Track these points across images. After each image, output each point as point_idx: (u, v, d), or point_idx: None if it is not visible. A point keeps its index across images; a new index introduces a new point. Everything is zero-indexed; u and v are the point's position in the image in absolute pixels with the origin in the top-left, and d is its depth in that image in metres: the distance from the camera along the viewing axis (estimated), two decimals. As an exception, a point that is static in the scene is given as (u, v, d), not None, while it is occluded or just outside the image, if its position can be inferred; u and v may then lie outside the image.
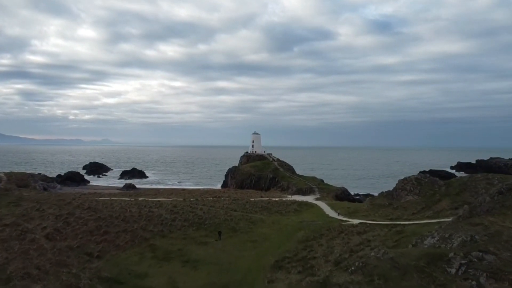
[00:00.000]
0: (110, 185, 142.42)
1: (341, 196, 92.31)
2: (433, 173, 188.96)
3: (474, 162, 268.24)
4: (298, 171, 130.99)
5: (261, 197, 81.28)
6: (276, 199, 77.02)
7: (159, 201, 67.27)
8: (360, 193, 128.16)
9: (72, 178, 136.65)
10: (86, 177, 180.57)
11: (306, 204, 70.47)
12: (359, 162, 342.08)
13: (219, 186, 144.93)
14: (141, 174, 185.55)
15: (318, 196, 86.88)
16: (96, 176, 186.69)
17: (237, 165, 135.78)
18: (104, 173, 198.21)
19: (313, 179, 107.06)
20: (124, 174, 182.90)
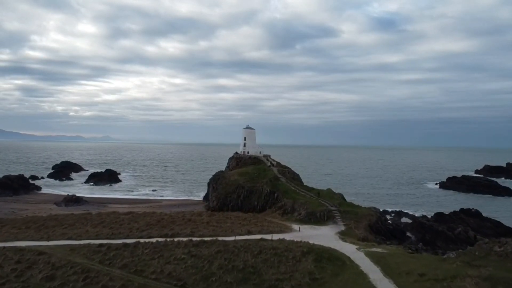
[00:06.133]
0: (58, 193, 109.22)
1: (376, 225, 59.09)
2: (468, 179, 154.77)
3: (503, 165, 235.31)
4: (306, 180, 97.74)
5: (249, 232, 47.94)
6: (275, 238, 43.80)
7: (38, 256, 34.16)
8: (390, 210, 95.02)
9: (6, 185, 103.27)
10: (46, 180, 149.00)
11: (330, 256, 37.05)
12: (371, 165, 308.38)
13: (202, 197, 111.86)
14: (112, 178, 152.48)
15: (343, 228, 53.55)
16: (59, 179, 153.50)
17: (224, 169, 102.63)
18: (70, 176, 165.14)
19: (330, 194, 73.44)
20: (92, 178, 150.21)
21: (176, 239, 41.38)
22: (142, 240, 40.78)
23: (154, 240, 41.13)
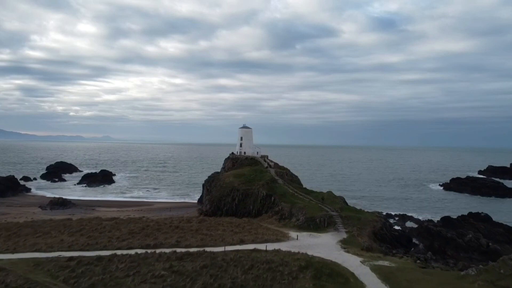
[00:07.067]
0: (46, 195, 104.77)
1: (381, 232, 54.62)
2: (473, 181, 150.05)
3: (507, 166, 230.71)
4: (305, 181, 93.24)
5: (241, 241, 43.54)
6: (270, 248, 39.41)
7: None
8: (393, 214, 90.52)
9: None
10: (38, 182, 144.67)
11: (331, 272, 32.65)
12: (372, 166, 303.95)
13: (198, 199, 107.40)
14: (106, 179, 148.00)
15: (345, 236, 49.10)
16: (51, 181, 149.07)
17: (220, 171, 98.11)
18: (63, 177, 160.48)
19: (331, 197, 68.91)
20: (85, 179, 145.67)
21: (158, 251, 37.01)
22: (119, 252, 36.38)
23: (133, 252, 36.74)
